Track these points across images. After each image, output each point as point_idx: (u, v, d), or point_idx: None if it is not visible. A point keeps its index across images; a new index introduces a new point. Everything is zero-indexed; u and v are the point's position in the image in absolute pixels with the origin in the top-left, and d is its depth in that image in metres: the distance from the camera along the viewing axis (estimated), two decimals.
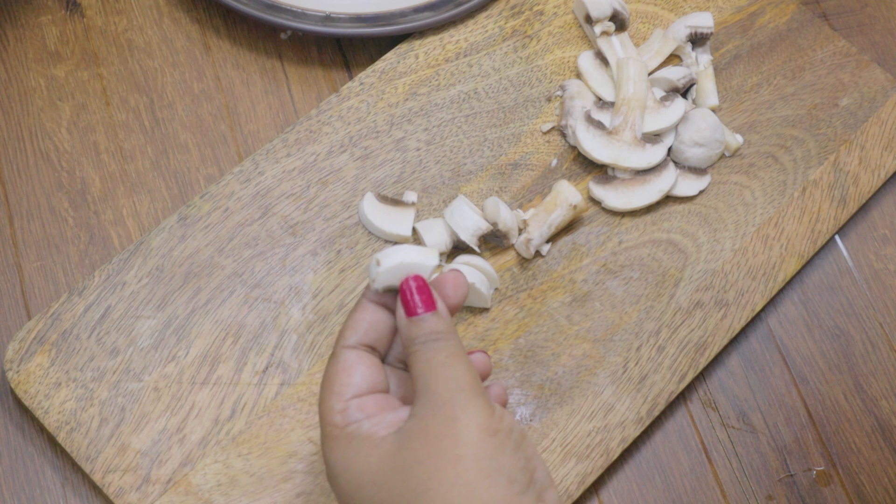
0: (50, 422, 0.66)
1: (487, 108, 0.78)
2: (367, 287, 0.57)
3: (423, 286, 0.55)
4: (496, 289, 0.72)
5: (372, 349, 0.57)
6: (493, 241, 0.73)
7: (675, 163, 0.76)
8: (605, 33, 0.80)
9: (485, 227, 0.71)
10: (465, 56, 0.80)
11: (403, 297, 0.55)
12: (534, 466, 0.53)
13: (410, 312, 0.55)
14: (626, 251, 0.74)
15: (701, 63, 0.80)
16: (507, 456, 0.52)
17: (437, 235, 0.72)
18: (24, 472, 0.66)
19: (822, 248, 0.76)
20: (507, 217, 0.72)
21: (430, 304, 0.55)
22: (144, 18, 0.81)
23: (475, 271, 0.71)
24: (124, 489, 0.64)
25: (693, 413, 0.71)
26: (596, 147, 0.75)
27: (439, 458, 0.51)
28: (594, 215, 0.75)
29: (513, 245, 0.73)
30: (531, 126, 0.78)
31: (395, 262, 0.55)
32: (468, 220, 0.71)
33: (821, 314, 0.75)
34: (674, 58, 0.81)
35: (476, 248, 0.72)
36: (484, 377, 0.58)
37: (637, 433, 0.68)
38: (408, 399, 0.57)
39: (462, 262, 0.71)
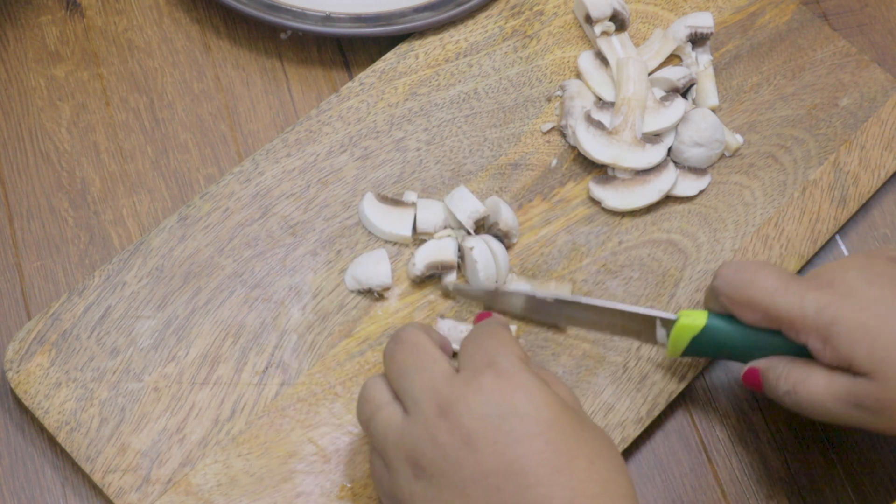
0: (50, 422, 0.66)
1: (487, 108, 0.78)
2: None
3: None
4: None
5: None
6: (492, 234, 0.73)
7: (675, 163, 0.76)
8: (605, 33, 0.80)
9: (482, 210, 0.71)
10: (465, 56, 0.80)
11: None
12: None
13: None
14: (626, 251, 0.74)
15: (701, 63, 0.80)
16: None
17: (432, 215, 0.72)
18: (24, 472, 0.66)
19: (823, 247, 0.76)
20: (507, 216, 0.72)
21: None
22: (144, 18, 0.81)
23: (487, 254, 0.70)
24: (124, 489, 0.64)
25: (693, 413, 0.71)
26: (596, 147, 0.75)
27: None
28: (594, 215, 0.75)
29: (513, 243, 0.73)
30: (531, 126, 0.78)
31: None
32: (467, 203, 0.72)
33: None
34: (674, 58, 0.81)
35: (471, 231, 0.72)
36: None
37: (637, 433, 0.68)
38: None
39: (483, 240, 0.71)
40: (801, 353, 0.63)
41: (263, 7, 0.79)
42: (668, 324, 0.67)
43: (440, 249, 0.71)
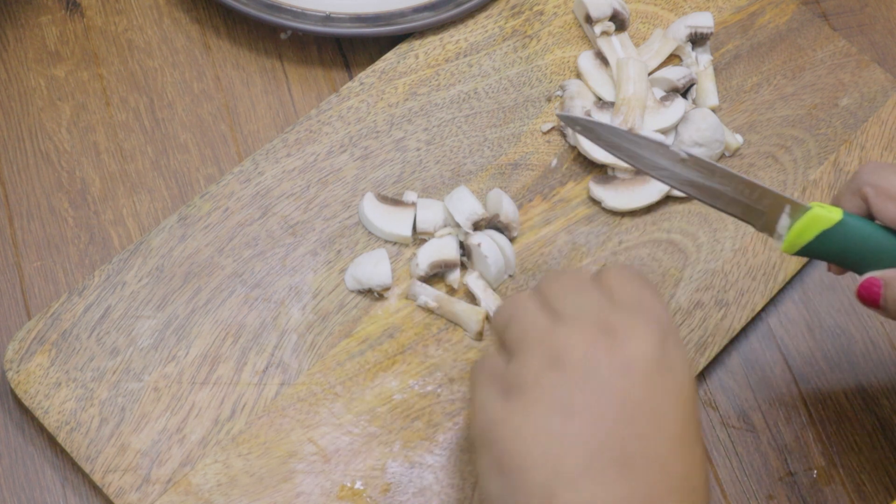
0: (50, 422, 0.66)
1: (487, 108, 0.78)
2: None
3: None
4: (510, 275, 0.72)
5: None
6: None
7: None
8: (605, 33, 0.80)
9: (481, 212, 0.71)
10: (465, 56, 0.80)
11: None
12: None
13: None
14: (626, 251, 0.74)
15: (701, 63, 0.80)
16: None
17: (432, 215, 0.72)
18: (24, 472, 0.66)
19: None
20: (508, 208, 0.72)
21: None
22: (144, 18, 0.81)
23: (494, 247, 0.70)
24: (124, 489, 0.64)
25: None
26: (596, 147, 0.75)
27: None
28: (594, 215, 0.75)
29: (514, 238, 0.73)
30: (531, 126, 0.78)
31: None
32: (466, 204, 0.72)
33: (821, 313, 0.75)
34: (674, 58, 0.81)
35: (470, 232, 0.72)
36: None
37: None
38: None
39: (487, 234, 0.71)
40: None
41: (263, 7, 0.79)
42: (797, 214, 0.61)
43: (442, 248, 0.71)
